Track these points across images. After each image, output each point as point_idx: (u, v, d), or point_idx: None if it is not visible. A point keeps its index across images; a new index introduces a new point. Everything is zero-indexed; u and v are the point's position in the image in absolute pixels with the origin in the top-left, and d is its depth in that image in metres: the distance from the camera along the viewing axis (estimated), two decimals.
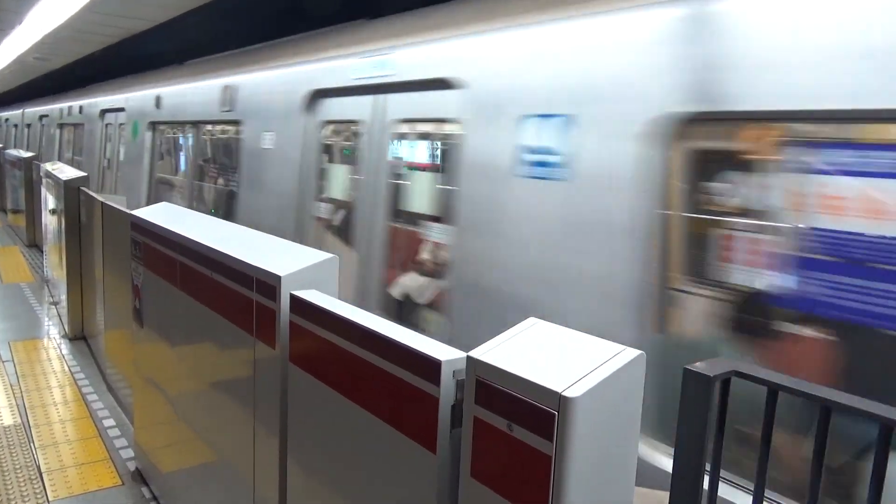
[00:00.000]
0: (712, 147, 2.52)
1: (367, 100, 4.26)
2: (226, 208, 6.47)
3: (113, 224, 4.70)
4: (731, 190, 2.40)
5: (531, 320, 1.57)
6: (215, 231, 3.07)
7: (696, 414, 1.29)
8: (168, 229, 3.17)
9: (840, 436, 1.76)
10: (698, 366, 1.31)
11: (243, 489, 2.52)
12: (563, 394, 1.26)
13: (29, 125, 17.74)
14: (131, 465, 3.97)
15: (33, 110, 17.22)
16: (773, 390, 1.29)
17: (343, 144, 4.73)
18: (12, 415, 4.60)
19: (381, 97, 4.14)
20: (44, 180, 7.96)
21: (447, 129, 3.75)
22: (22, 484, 3.71)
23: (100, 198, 5.21)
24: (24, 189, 10.85)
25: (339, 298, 2.16)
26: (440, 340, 1.69)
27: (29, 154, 11.71)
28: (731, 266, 2.37)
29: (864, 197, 2.05)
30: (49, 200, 7.45)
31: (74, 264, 6.18)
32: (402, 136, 4.12)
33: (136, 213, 3.67)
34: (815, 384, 1.27)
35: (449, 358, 1.57)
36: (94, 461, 4.03)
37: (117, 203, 4.89)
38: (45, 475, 3.82)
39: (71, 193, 6.14)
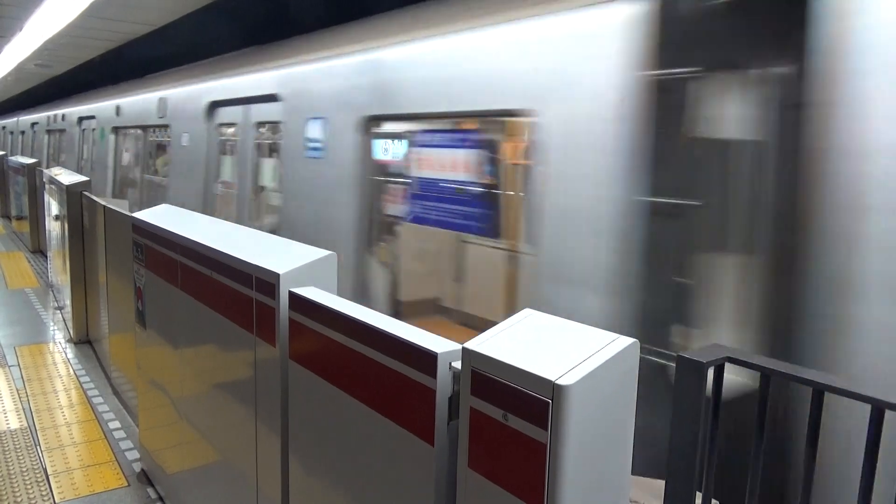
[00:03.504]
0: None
1: (241, 108, 5.97)
2: (163, 195, 7.78)
3: (115, 227, 4.72)
4: None
5: (526, 311, 1.58)
6: (215, 231, 3.08)
7: (689, 400, 1.30)
8: (168, 230, 3.18)
9: None
10: (691, 352, 1.32)
11: (247, 487, 2.54)
12: (556, 382, 1.26)
13: (24, 132, 18.32)
14: (137, 467, 3.99)
15: (27, 118, 17.80)
16: (766, 375, 1.29)
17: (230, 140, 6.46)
18: (19, 418, 4.63)
19: (249, 106, 5.84)
20: (47, 186, 8.00)
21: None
22: (29, 486, 3.73)
23: (102, 202, 5.23)
24: (28, 195, 10.91)
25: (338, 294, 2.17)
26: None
27: (32, 160, 11.78)
28: None
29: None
30: (52, 206, 7.49)
31: (78, 269, 6.21)
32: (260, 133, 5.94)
33: (137, 215, 3.69)
34: (808, 369, 1.28)
35: (445, 350, 1.58)
36: (99, 463, 4.06)
37: (119, 206, 4.91)
38: (51, 477, 3.85)
39: (73, 198, 6.17)
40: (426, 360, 1.60)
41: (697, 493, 1.37)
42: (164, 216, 3.55)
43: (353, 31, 4.65)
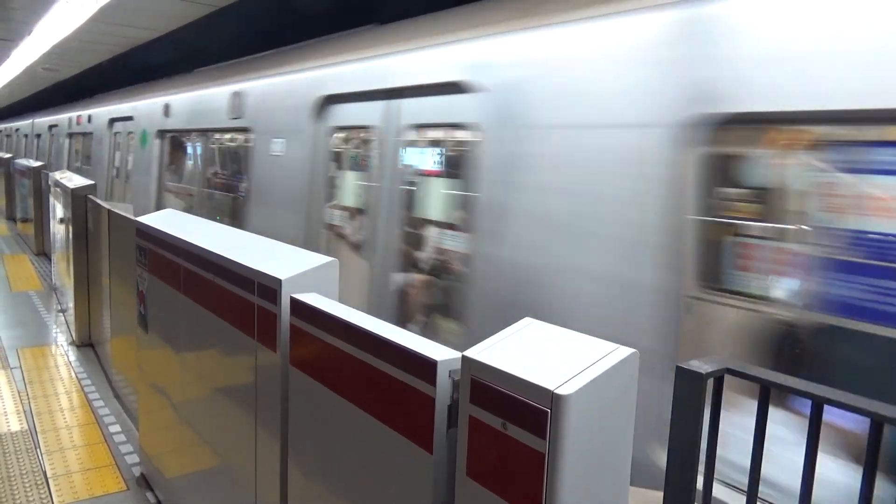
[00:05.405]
0: None
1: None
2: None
3: (119, 231, 4.74)
4: None
5: (526, 320, 1.58)
6: (218, 236, 3.09)
7: (688, 412, 1.30)
8: (172, 235, 3.20)
9: None
10: (691, 363, 1.31)
11: (246, 493, 2.54)
12: (555, 391, 1.26)
13: (39, 135, 17.83)
14: (136, 471, 3.99)
15: (42, 120, 17.36)
16: (766, 388, 1.29)
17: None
18: (19, 421, 4.63)
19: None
20: (52, 189, 8.03)
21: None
22: (28, 489, 3.73)
23: (106, 205, 5.25)
24: (33, 198, 10.95)
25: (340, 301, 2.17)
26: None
27: (38, 163, 11.82)
28: None
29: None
30: (57, 209, 7.52)
31: (81, 272, 6.23)
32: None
33: (141, 219, 3.70)
34: (806, 381, 1.28)
35: (444, 358, 1.58)
36: (99, 466, 4.05)
37: (123, 210, 4.93)
38: (51, 480, 3.85)
39: (78, 202, 6.20)
40: (426, 367, 1.60)
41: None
42: (168, 221, 3.56)
43: None
